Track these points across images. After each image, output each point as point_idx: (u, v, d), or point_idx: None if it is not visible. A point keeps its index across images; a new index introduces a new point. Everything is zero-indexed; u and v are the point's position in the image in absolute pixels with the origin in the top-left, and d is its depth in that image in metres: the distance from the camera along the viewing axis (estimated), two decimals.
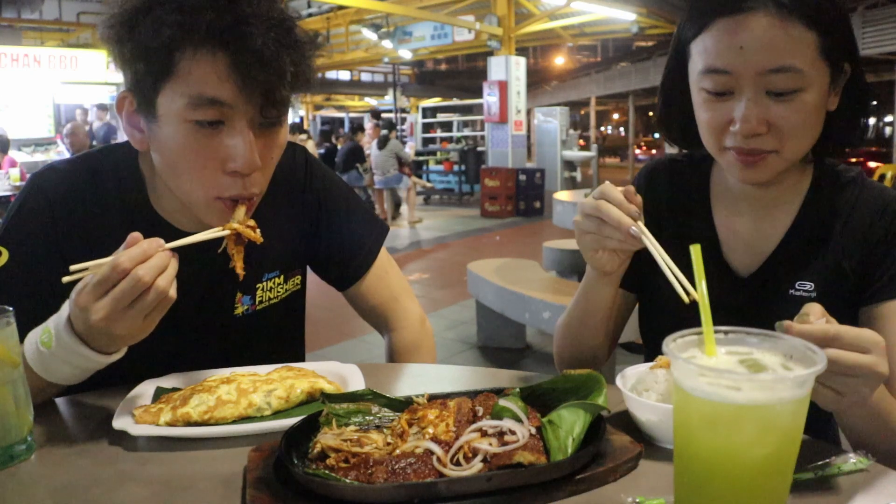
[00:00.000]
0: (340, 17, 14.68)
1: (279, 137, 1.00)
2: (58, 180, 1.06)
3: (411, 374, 1.16)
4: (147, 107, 0.93)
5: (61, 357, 0.87)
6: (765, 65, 0.89)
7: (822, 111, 0.95)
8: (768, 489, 0.58)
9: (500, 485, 0.69)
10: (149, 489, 0.75)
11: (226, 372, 1.01)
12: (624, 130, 38.15)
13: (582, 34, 16.80)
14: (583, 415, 0.76)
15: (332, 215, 1.24)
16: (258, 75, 0.89)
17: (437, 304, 5.58)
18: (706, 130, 0.99)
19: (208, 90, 0.89)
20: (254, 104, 0.92)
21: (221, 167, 0.94)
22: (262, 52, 0.88)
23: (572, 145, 12.81)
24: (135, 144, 1.01)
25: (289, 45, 0.92)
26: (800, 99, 0.91)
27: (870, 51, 12.24)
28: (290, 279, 1.22)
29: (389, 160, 10.21)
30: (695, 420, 0.58)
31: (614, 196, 0.90)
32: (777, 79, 0.90)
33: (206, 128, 0.91)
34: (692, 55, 0.98)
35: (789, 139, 0.93)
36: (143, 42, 0.89)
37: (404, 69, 24.25)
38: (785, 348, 0.61)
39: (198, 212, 1.00)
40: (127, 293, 0.80)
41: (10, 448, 0.81)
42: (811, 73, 0.90)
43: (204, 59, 0.89)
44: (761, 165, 0.95)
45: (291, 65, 0.92)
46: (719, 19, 0.92)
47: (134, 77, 0.93)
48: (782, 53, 0.89)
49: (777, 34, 0.89)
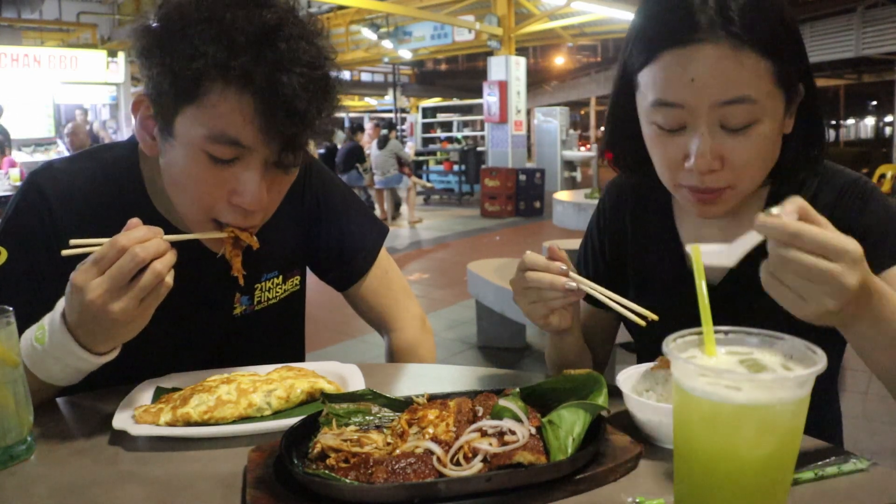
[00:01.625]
0: (340, 17, 14.68)
1: (289, 179, 0.99)
2: (55, 178, 1.05)
3: (411, 374, 1.16)
4: (164, 122, 0.92)
5: (53, 354, 0.87)
6: (718, 97, 0.84)
7: (778, 139, 0.92)
8: (768, 489, 0.58)
9: (500, 485, 0.69)
10: (149, 489, 0.75)
11: (226, 372, 1.01)
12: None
13: (582, 34, 16.77)
14: (583, 415, 0.76)
15: (331, 215, 1.24)
16: (283, 123, 0.87)
17: (437, 304, 5.58)
18: (661, 166, 0.95)
19: (231, 130, 0.87)
20: (272, 148, 0.90)
21: (227, 198, 0.93)
22: (293, 103, 0.86)
23: (572, 145, 12.81)
24: (145, 149, 0.99)
25: (319, 93, 0.89)
26: (755, 132, 0.87)
27: (870, 51, 12.24)
28: (288, 279, 1.22)
29: (389, 160, 10.21)
30: (695, 420, 0.58)
31: (538, 263, 0.91)
32: (731, 111, 0.85)
33: (219, 163, 0.90)
34: (640, 86, 0.92)
35: (745, 173, 0.90)
36: (172, 63, 0.85)
37: (404, 69, 24.24)
38: (785, 348, 0.61)
39: (190, 225, 0.99)
40: (124, 270, 0.80)
41: (10, 448, 0.81)
42: (766, 103, 0.86)
43: (232, 97, 0.86)
44: (718, 202, 0.93)
45: (318, 113, 0.90)
46: (667, 51, 0.86)
47: (156, 90, 0.90)
48: (736, 84, 0.84)
49: (729, 65, 0.83)
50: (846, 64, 17.12)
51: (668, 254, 1.10)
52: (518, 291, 0.94)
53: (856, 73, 22.46)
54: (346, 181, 9.55)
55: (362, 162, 10.72)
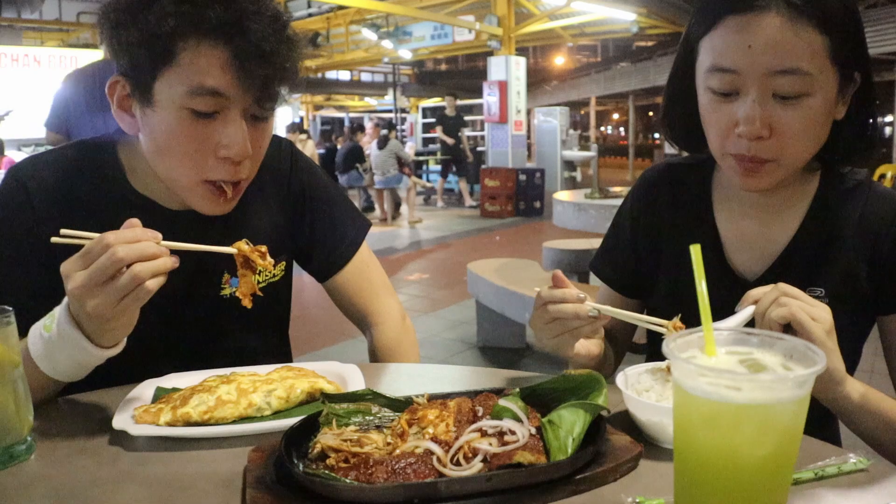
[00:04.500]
0: (340, 17, 14.67)
1: (268, 129, 1.05)
2: (36, 170, 1.08)
3: (411, 374, 1.16)
4: (142, 92, 0.96)
5: (58, 344, 0.87)
6: (772, 65, 0.87)
7: (828, 119, 0.93)
8: (768, 489, 0.58)
9: (500, 485, 0.69)
10: (149, 489, 0.75)
11: (226, 372, 1.01)
12: (624, 130, 38.14)
13: (582, 34, 16.79)
14: (583, 415, 0.76)
15: (315, 204, 1.27)
16: (257, 69, 0.94)
17: (437, 304, 5.58)
18: (711, 132, 0.97)
19: (209, 81, 0.93)
20: (250, 96, 0.96)
21: (213, 153, 0.98)
22: (262, 47, 0.93)
23: (572, 145, 12.80)
24: (125, 128, 1.03)
25: (285, 41, 0.97)
26: (806, 104, 0.89)
27: (870, 51, 12.25)
28: (277, 264, 1.23)
29: (389, 160, 10.21)
30: (695, 420, 0.58)
31: (555, 295, 0.90)
32: (784, 81, 0.88)
33: (201, 117, 0.95)
34: (700, 53, 0.96)
35: (791, 146, 0.92)
36: (146, 29, 0.91)
37: (404, 69, 24.22)
38: (785, 348, 0.61)
39: (184, 195, 1.03)
40: (101, 269, 0.80)
41: (10, 448, 0.81)
42: (819, 77, 0.88)
43: (206, 50, 0.92)
44: (761, 173, 0.94)
45: (287, 60, 0.97)
46: (729, 17, 0.90)
47: (131, 62, 0.95)
48: (791, 55, 0.87)
49: (787, 35, 0.87)
50: None
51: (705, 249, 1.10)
52: (540, 328, 0.93)
53: None
54: (346, 181, 9.51)
55: (362, 162, 10.72)
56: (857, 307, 1.01)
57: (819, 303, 0.81)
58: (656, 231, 1.16)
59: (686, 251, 1.09)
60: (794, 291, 0.82)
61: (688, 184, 1.14)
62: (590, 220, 4.85)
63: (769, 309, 0.81)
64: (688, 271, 1.14)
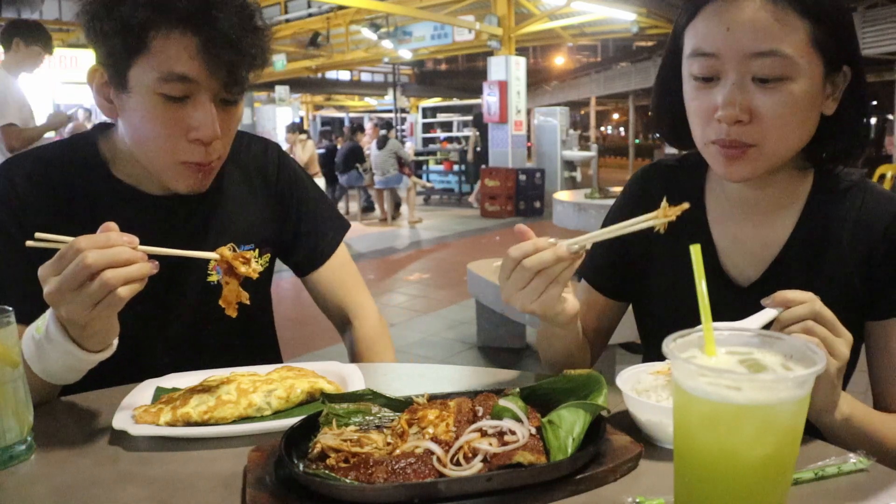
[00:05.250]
0: (340, 17, 14.67)
1: (237, 113, 1.10)
2: (23, 165, 1.11)
3: (411, 374, 1.16)
4: (119, 79, 1.01)
5: (48, 347, 0.87)
6: (750, 47, 0.87)
7: (812, 109, 0.92)
8: (768, 489, 0.58)
9: (500, 485, 0.69)
10: (149, 489, 0.75)
11: (226, 372, 1.01)
12: (624, 130, 38.15)
13: (582, 34, 16.77)
14: (583, 415, 0.76)
15: (300, 198, 1.32)
16: (223, 55, 0.98)
17: (437, 304, 5.58)
18: (694, 120, 0.97)
19: (178, 67, 0.98)
20: (218, 81, 1.01)
21: (185, 135, 1.02)
22: (229, 35, 0.98)
23: (572, 145, 12.80)
24: (104, 113, 1.08)
25: (251, 29, 1.02)
26: (786, 88, 0.88)
27: (870, 51, 12.23)
28: (262, 255, 1.27)
29: (389, 160, 10.21)
30: (695, 420, 0.58)
31: (526, 248, 0.84)
32: (762, 63, 0.87)
33: (173, 101, 1.00)
34: (685, 42, 0.96)
35: (772, 131, 0.90)
36: (120, 19, 0.96)
37: (404, 69, 24.23)
38: (785, 348, 0.61)
39: (162, 176, 1.07)
40: (71, 275, 0.79)
41: (10, 448, 0.81)
42: (800, 62, 0.87)
43: (176, 38, 0.97)
44: (744, 160, 0.92)
45: (252, 46, 1.02)
46: (711, 3, 0.91)
47: (108, 51, 0.99)
48: (769, 37, 0.87)
49: (766, 17, 0.87)
50: None
51: None
52: (520, 294, 0.85)
53: None
54: (346, 181, 9.50)
55: (362, 162, 10.72)
56: (853, 313, 0.98)
57: (845, 332, 0.79)
58: (650, 230, 1.15)
59: (679, 253, 1.09)
60: (827, 316, 0.78)
61: (680, 185, 1.12)
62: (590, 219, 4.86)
63: (792, 327, 0.78)
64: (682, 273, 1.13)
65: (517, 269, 0.84)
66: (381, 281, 6.65)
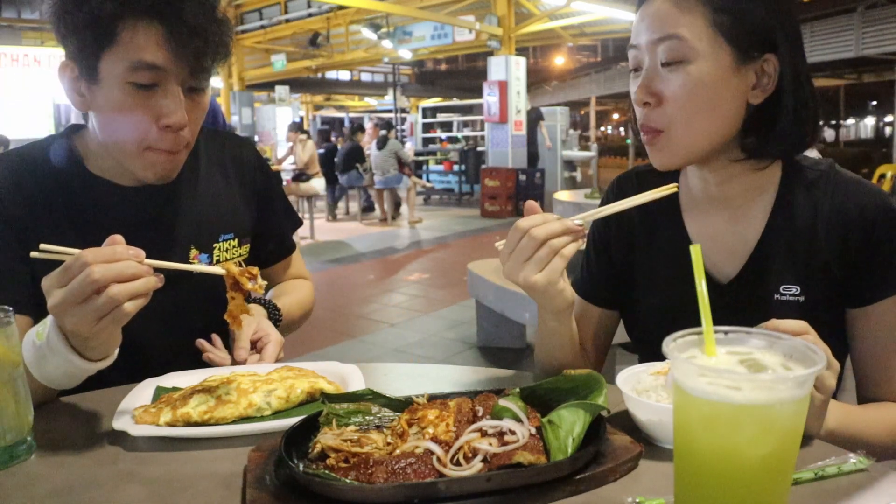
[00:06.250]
0: (340, 17, 14.67)
1: (203, 101, 1.13)
2: (2, 167, 1.12)
3: (411, 374, 1.16)
4: (89, 71, 1.04)
5: (48, 354, 0.87)
6: (654, 35, 0.95)
7: (719, 95, 0.94)
8: (768, 489, 0.58)
9: (500, 485, 0.69)
10: (149, 489, 0.75)
11: (226, 372, 1.01)
12: (624, 130, 38.15)
13: (582, 34, 16.75)
14: (583, 415, 0.76)
15: (271, 200, 1.42)
16: (190, 43, 1.02)
17: (437, 304, 5.58)
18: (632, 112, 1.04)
19: (147, 56, 1.01)
20: (185, 69, 1.04)
21: (155, 122, 1.05)
22: (193, 24, 1.02)
23: (572, 145, 12.80)
24: (76, 106, 1.10)
25: (214, 19, 1.07)
26: (685, 70, 0.94)
27: (870, 51, 12.24)
28: (243, 245, 1.31)
29: (389, 160, 10.20)
30: (695, 420, 0.58)
31: (535, 220, 0.90)
32: (663, 47, 0.94)
33: (142, 90, 1.03)
34: None
35: (676, 114, 0.95)
36: (89, 12, 0.99)
37: (404, 69, 24.21)
38: (785, 348, 0.61)
39: (132, 165, 1.10)
40: (77, 289, 0.79)
41: (10, 448, 0.81)
42: (698, 45, 0.93)
43: (143, 28, 1.00)
44: (656, 146, 0.99)
45: (216, 35, 1.06)
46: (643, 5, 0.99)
47: (78, 45, 1.02)
48: (668, 23, 0.94)
49: (667, 7, 0.94)
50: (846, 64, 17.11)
51: (675, 251, 1.10)
52: (526, 266, 0.89)
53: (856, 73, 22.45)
54: (346, 181, 9.51)
55: (362, 162, 10.71)
56: (831, 303, 0.99)
57: (834, 363, 0.80)
58: (628, 235, 1.17)
59: (660, 256, 1.11)
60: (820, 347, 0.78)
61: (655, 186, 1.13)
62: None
63: None
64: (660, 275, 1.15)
65: (525, 237, 0.89)
66: (381, 281, 6.65)
